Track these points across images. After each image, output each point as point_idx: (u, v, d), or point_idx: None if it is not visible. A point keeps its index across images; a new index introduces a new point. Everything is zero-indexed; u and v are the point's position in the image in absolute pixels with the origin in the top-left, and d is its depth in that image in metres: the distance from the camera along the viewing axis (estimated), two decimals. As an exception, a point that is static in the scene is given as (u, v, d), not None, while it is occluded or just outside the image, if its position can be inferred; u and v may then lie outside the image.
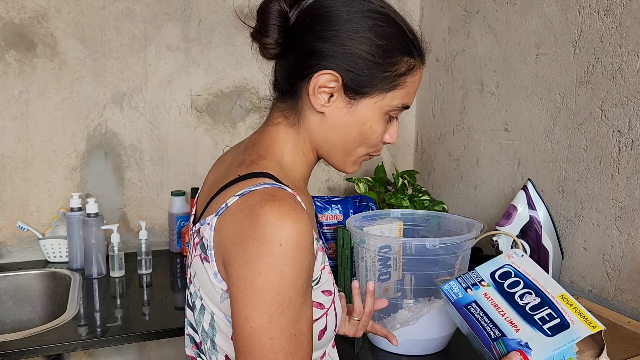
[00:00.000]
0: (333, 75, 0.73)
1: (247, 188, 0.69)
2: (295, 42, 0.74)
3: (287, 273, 0.65)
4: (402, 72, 0.76)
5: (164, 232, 1.85)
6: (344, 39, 0.72)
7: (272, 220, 0.65)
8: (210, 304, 0.74)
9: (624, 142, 1.23)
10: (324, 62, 0.72)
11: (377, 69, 0.74)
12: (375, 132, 0.78)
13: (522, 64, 1.53)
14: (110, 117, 1.74)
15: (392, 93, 0.76)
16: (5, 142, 1.64)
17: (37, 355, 1.16)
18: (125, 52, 1.73)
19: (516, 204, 1.37)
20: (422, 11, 2.03)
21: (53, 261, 1.67)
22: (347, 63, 0.72)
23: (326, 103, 0.75)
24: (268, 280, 0.64)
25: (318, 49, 0.73)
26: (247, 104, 1.87)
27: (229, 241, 0.68)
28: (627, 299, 1.24)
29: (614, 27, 1.24)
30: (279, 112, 0.80)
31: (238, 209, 0.68)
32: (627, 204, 1.23)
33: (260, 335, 0.65)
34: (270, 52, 0.76)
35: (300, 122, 0.78)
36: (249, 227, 0.66)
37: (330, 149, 0.79)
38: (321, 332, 0.78)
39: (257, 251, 0.64)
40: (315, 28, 0.73)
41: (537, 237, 1.36)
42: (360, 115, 0.76)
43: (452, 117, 1.86)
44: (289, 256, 0.64)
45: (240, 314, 0.66)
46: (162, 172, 1.82)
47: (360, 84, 0.74)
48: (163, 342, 1.82)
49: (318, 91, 0.74)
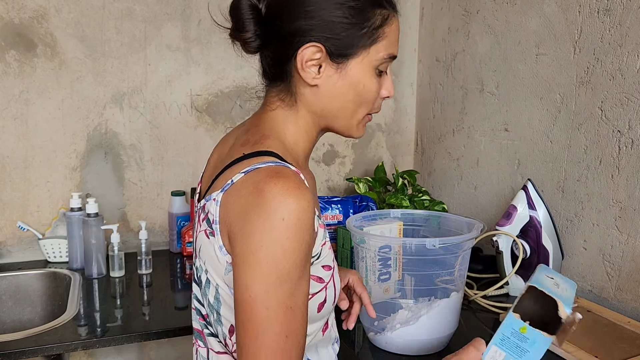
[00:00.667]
0: (316, 47, 0.76)
1: (252, 165, 0.73)
2: (271, 30, 0.78)
3: (288, 247, 0.68)
4: (378, 25, 0.78)
5: (164, 232, 1.85)
6: (317, 10, 0.76)
7: (276, 196, 0.68)
8: (215, 277, 0.77)
9: (624, 142, 1.24)
10: (304, 37, 0.76)
11: (354, 29, 0.77)
12: (370, 89, 0.81)
13: (522, 64, 1.53)
14: (110, 117, 1.74)
15: (375, 47, 0.79)
16: (5, 142, 1.64)
17: (37, 355, 1.15)
18: (125, 52, 1.73)
19: (516, 204, 1.37)
20: (422, 11, 2.03)
21: (53, 261, 1.67)
22: (325, 32, 0.76)
23: (317, 75, 0.78)
24: (269, 253, 0.68)
25: (295, 28, 0.76)
26: (247, 104, 1.87)
27: (234, 215, 0.72)
28: (627, 299, 1.24)
29: (614, 27, 1.24)
30: (274, 96, 0.83)
31: (243, 185, 0.72)
32: (627, 204, 1.23)
33: (257, 304, 0.68)
34: (251, 45, 0.80)
35: (297, 101, 0.81)
36: (253, 202, 0.69)
37: (332, 117, 0.82)
38: (320, 304, 0.81)
39: (261, 224, 0.68)
40: (287, 11, 0.77)
41: (537, 237, 1.36)
42: (351, 77, 0.79)
43: (452, 117, 1.86)
44: (290, 231, 0.68)
45: (240, 283, 0.69)
46: (162, 172, 1.82)
47: (343, 47, 0.77)
48: (163, 342, 1.82)
49: (306, 65, 0.77)
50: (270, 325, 0.68)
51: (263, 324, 0.68)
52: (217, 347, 0.83)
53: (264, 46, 0.81)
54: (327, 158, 2.05)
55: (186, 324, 1.26)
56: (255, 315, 0.69)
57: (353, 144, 2.07)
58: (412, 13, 2.05)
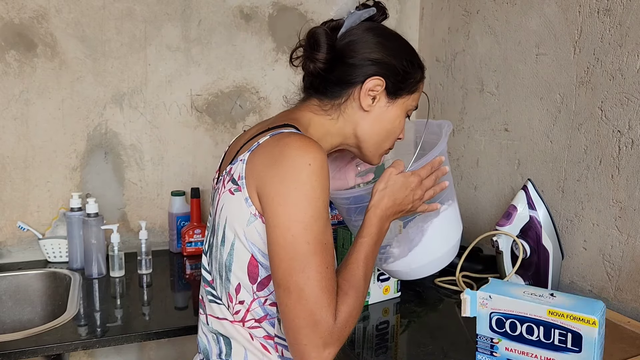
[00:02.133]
0: (380, 80, 0.93)
1: (277, 131, 0.85)
2: (339, 58, 0.93)
3: (317, 187, 0.78)
4: (418, 80, 0.99)
5: (164, 232, 1.85)
6: (383, 53, 0.93)
7: (300, 147, 0.80)
8: (236, 229, 0.85)
9: (624, 142, 1.24)
10: (370, 71, 0.92)
11: (407, 77, 0.96)
12: (400, 125, 0.99)
13: (522, 64, 1.53)
14: (111, 117, 1.74)
15: (413, 95, 0.99)
16: (5, 142, 1.64)
17: (37, 355, 1.16)
18: (126, 52, 1.73)
19: (516, 204, 1.37)
20: (422, 11, 2.03)
21: (53, 261, 1.67)
22: (389, 72, 0.93)
23: (371, 103, 0.94)
24: (302, 193, 0.78)
25: (364, 62, 0.92)
26: (247, 104, 1.87)
27: (262, 167, 0.82)
28: (627, 299, 1.24)
29: (614, 27, 1.24)
30: (315, 104, 0.96)
31: (269, 143, 0.83)
32: (627, 204, 1.23)
33: (299, 241, 0.77)
34: (318, 66, 0.93)
35: (340, 117, 0.96)
36: (280, 153, 0.80)
37: (368, 142, 0.98)
38: None
39: (290, 170, 0.78)
40: (366, 45, 0.93)
41: (537, 237, 1.36)
42: (394, 112, 0.97)
43: (452, 117, 1.86)
44: (316, 174, 0.78)
45: (281, 225, 0.78)
46: (162, 172, 1.82)
47: (397, 88, 0.95)
48: (163, 342, 1.82)
49: (367, 94, 0.93)
50: (312, 257, 0.77)
51: (307, 257, 0.77)
52: (217, 313, 0.92)
53: (328, 70, 0.94)
54: (327, 158, 2.04)
55: (186, 324, 1.26)
56: (299, 251, 0.77)
57: (353, 144, 2.07)
58: (412, 13, 2.05)
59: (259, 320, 0.88)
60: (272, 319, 0.88)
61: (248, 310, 0.87)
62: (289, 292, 0.78)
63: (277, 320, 0.88)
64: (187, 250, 1.74)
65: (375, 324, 1.25)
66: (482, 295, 0.95)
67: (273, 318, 0.88)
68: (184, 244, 1.74)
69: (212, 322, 0.93)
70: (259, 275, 0.86)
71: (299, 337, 0.78)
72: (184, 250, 1.74)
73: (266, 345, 0.89)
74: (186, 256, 1.74)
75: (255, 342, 0.88)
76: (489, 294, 0.94)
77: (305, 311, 0.77)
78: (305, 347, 0.78)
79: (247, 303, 0.87)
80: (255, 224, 0.83)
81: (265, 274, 0.86)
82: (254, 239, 0.84)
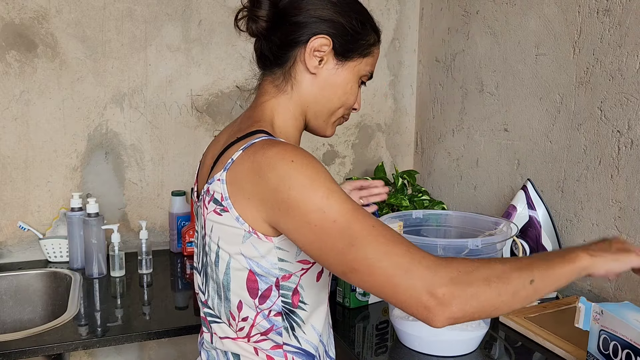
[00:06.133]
0: (326, 39, 0.86)
1: (248, 143, 0.80)
2: (283, 17, 0.86)
3: (310, 173, 0.74)
4: (371, 42, 0.91)
5: (165, 232, 1.85)
6: (330, 10, 0.87)
7: (279, 152, 0.75)
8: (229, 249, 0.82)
9: (623, 142, 1.24)
10: (316, 29, 0.86)
11: (358, 37, 0.88)
12: (354, 92, 0.92)
13: (522, 64, 1.53)
14: (111, 117, 1.74)
15: (366, 59, 0.91)
16: (5, 142, 1.65)
17: (37, 354, 1.16)
18: (126, 52, 1.73)
19: (516, 204, 1.38)
20: (422, 11, 2.03)
21: (53, 261, 1.68)
22: (336, 31, 0.86)
23: (318, 65, 0.87)
24: (300, 185, 0.73)
25: (309, 19, 0.86)
26: (247, 104, 1.87)
27: (249, 185, 0.77)
28: (627, 299, 1.24)
29: (614, 28, 1.25)
30: (269, 83, 0.91)
31: (244, 160, 0.78)
32: (626, 204, 1.23)
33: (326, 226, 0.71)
34: (261, 24, 0.87)
35: (292, 87, 0.89)
36: (259, 168, 0.76)
37: (319, 108, 0.91)
38: (319, 273, 0.87)
39: (277, 174, 0.74)
40: (303, 4, 0.86)
41: (536, 237, 1.36)
42: (344, 76, 0.89)
43: (452, 117, 1.86)
44: (303, 164, 0.74)
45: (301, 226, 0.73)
46: (163, 172, 1.83)
47: (346, 49, 0.88)
48: (163, 342, 1.83)
49: (313, 54, 0.86)
50: (349, 229, 0.71)
51: (345, 232, 0.71)
52: (218, 332, 0.89)
53: (272, 30, 0.88)
54: (327, 158, 2.05)
55: (186, 324, 1.26)
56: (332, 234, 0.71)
57: (353, 144, 2.08)
58: (412, 13, 2.05)
59: (265, 333, 0.86)
60: (279, 328, 0.85)
61: (253, 326, 0.85)
62: (357, 272, 0.71)
63: (283, 329, 0.86)
64: (188, 250, 1.74)
65: (375, 324, 1.25)
66: (596, 308, 0.86)
67: (280, 327, 0.85)
68: (185, 243, 1.74)
69: (216, 342, 0.90)
70: (259, 289, 0.83)
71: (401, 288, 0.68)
72: (185, 250, 1.74)
73: (273, 356, 0.87)
74: (186, 256, 1.74)
75: (261, 354, 0.87)
76: (602, 309, 0.85)
77: (388, 269, 0.69)
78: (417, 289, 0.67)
79: (251, 319, 0.85)
80: (251, 239, 0.80)
81: (265, 286, 0.83)
82: (251, 253, 0.81)
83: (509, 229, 1.07)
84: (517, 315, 1.21)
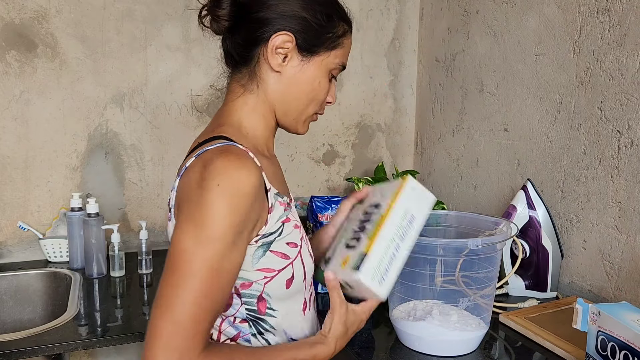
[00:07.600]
0: (288, 36, 0.83)
1: (203, 149, 0.79)
2: (245, 14, 0.85)
3: (221, 210, 0.72)
4: (340, 34, 0.88)
5: (164, 232, 1.85)
6: (293, 5, 0.84)
7: (217, 167, 0.74)
8: None
9: (623, 142, 1.24)
10: (278, 25, 0.83)
11: (323, 31, 0.86)
12: (324, 88, 0.89)
13: (522, 64, 1.53)
14: (111, 117, 1.74)
15: (334, 52, 0.88)
16: (5, 142, 1.65)
17: (37, 355, 1.16)
18: (126, 52, 1.73)
19: (516, 204, 1.38)
20: (422, 11, 2.03)
21: (53, 261, 1.68)
22: (299, 26, 0.84)
23: (282, 63, 0.85)
24: (202, 212, 0.72)
25: (271, 15, 0.84)
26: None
27: (183, 193, 0.77)
28: (627, 299, 1.24)
29: (614, 27, 1.25)
30: (235, 82, 0.89)
31: (193, 167, 0.78)
32: (626, 204, 1.23)
33: (184, 256, 0.71)
34: (222, 24, 0.86)
35: (259, 86, 0.87)
36: (198, 175, 0.75)
37: (287, 107, 0.89)
38: (288, 280, 0.84)
39: (199, 191, 0.73)
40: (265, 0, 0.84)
41: (536, 237, 1.36)
42: (311, 72, 0.87)
43: (452, 117, 1.86)
44: (224, 195, 0.72)
45: (175, 239, 0.73)
46: (163, 172, 1.83)
47: (311, 44, 0.85)
48: (163, 341, 1.82)
49: (275, 52, 0.84)
50: (190, 278, 0.71)
51: (185, 276, 0.71)
52: None
53: (235, 28, 0.86)
54: (327, 158, 2.05)
55: (186, 324, 1.26)
56: (180, 265, 0.71)
57: (353, 144, 2.08)
58: (412, 13, 2.05)
59: (233, 339, 0.85)
60: (246, 334, 0.84)
61: (220, 332, 0.84)
62: (158, 304, 0.71)
63: (251, 335, 0.85)
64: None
65: (375, 324, 1.25)
66: (593, 309, 0.86)
67: (247, 334, 0.84)
68: (184, 243, 1.74)
69: None
70: None
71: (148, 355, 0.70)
72: (184, 250, 1.74)
73: None
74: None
75: None
76: (599, 310, 0.85)
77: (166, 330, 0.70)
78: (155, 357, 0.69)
79: (216, 325, 0.84)
80: None
81: None
82: None
83: (509, 229, 1.07)
84: (517, 315, 1.21)
